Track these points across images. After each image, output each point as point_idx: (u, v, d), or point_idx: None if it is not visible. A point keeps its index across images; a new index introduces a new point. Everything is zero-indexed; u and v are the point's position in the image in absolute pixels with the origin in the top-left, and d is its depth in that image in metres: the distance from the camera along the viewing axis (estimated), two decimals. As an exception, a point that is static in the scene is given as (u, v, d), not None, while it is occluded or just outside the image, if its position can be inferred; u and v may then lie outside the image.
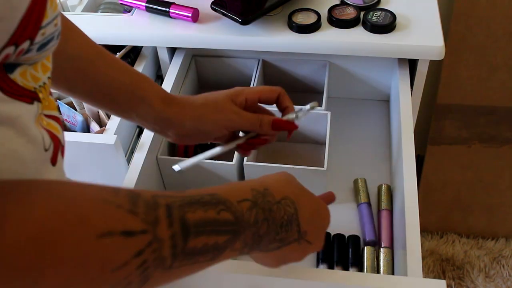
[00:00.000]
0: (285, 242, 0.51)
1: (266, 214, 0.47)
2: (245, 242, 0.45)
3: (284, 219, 0.50)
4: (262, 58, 1.02)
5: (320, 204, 0.57)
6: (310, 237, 0.54)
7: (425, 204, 1.51)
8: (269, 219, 0.47)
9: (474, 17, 1.22)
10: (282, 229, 0.50)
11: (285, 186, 0.52)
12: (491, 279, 1.47)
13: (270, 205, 0.48)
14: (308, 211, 0.53)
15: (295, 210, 0.51)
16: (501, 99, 1.33)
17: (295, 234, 0.52)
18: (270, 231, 0.48)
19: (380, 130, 1.00)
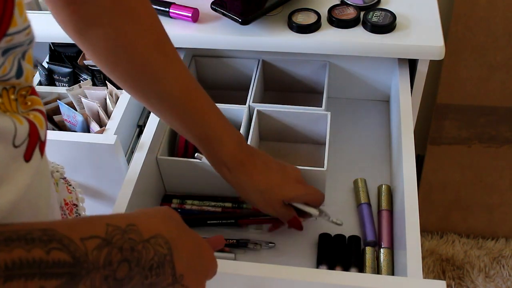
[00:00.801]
0: (157, 287, 0.45)
1: (126, 254, 0.41)
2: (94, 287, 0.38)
3: (154, 260, 0.44)
4: (262, 58, 1.02)
5: (203, 247, 0.53)
6: (188, 281, 0.48)
7: (425, 204, 1.51)
8: (130, 260, 0.41)
9: (474, 17, 1.22)
10: (152, 272, 0.44)
11: (159, 223, 0.47)
12: (491, 279, 1.47)
13: (132, 244, 0.42)
14: (186, 253, 0.48)
15: (169, 251, 0.46)
16: (501, 99, 1.33)
17: (168, 278, 0.46)
18: (134, 275, 0.42)
19: (380, 130, 1.00)
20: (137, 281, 0.42)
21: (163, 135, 0.89)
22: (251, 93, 0.94)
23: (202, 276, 0.52)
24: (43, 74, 1.08)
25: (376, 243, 0.81)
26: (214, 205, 0.88)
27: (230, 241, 0.82)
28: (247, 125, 0.91)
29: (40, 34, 0.98)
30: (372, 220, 0.84)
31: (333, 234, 0.82)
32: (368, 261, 0.78)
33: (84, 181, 0.88)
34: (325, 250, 0.80)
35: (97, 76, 1.04)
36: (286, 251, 0.82)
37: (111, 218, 0.42)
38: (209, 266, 0.53)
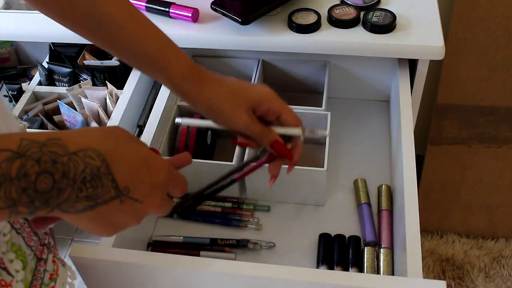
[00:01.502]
0: (98, 200, 0.44)
1: (46, 166, 0.40)
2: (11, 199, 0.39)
3: (86, 173, 0.42)
4: (262, 58, 1.02)
5: (151, 158, 0.50)
6: (137, 194, 0.47)
7: (425, 204, 1.51)
8: (53, 172, 0.40)
9: (474, 17, 1.22)
10: (86, 184, 0.42)
11: (91, 137, 0.45)
12: (491, 279, 1.47)
13: (54, 156, 0.41)
14: (128, 165, 0.46)
15: (103, 163, 0.44)
16: (501, 99, 1.33)
17: (110, 191, 0.44)
18: (64, 187, 0.41)
19: (380, 130, 1.00)
20: (70, 194, 0.42)
21: (163, 135, 0.89)
22: (251, 93, 0.94)
23: (154, 187, 0.49)
24: (43, 74, 1.08)
25: (376, 243, 0.81)
26: (214, 205, 0.88)
27: (230, 241, 0.82)
28: (247, 125, 0.91)
29: (40, 34, 0.99)
30: (372, 220, 0.84)
31: (333, 234, 0.82)
32: (368, 261, 0.78)
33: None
34: (325, 250, 0.80)
35: (97, 76, 1.04)
36: (286, 251, 0.82)
37: (29, 134, 0.41)
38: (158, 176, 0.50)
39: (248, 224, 0.85)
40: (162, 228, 0.87)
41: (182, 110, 0.95)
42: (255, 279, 0.64)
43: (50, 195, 0.41)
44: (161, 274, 0.67)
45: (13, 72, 1.22)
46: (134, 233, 0.79)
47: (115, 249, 0.69)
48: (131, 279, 0.69)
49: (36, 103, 1.04)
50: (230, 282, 0.66)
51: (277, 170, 0.71)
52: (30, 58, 1.26)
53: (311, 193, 0.86)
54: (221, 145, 0.98)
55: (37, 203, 0.40)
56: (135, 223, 0.50)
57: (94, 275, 0.70)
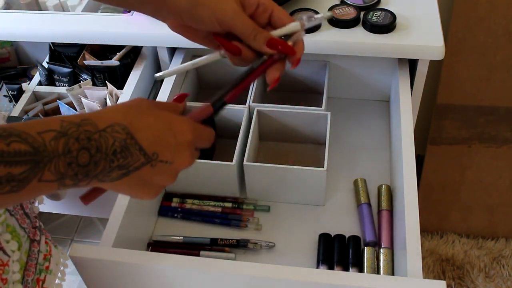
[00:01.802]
0: (130, 168, 0.49)
1: (83, 143, 0.45)
2: (59, 172, 0.44)
3: (116, 146, 0.48)
4: (262, 58, 1.02)
5: (172, 120, 0.53)
6: (166, 156, 0.51)
7: (425, 204, 1.51)
8: (89, 148, 0.46)
9: (474, 17, 1.22)
10: (117, 156, 0.48)
11: (114, 113, 0.50)
12: (491, 279, 1.47)
13: (88, 135, 0.46)
14: (151, 132, 0.50)
15: (128, 135, 0.49)
16: (501, 99, 1.33)
17: (140, 158, 0.49)
18: (98, 160, 0.46)
19: (380, 130, 1.00)
20: (104, 165, 0.47)
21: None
22: (251, 93, 0.94)
23: (180, 147, 0.53)
24: (43, 74, 1.08)
25: (376, 243, 0.81)
26: (214, 204, 0.88)
27: (230, 241, 0.82)
28: (247, 125, 0.91)
29: (40, 34, 0.99)
30: (372, 220, 0.84)
31: (333, 234, 0.82)
32: (368, 261, 0.78)
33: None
34: (325, 250, 0.80)
35: (97, 76, 1.04)
36: (286, 251, 0.82)
37: (65, 117, 0.46)
38: (183, 136, 0.53)
39: (248, 224, 0.85)
40: (162, 228, 0.87)
41: (182, 110, 0.95)
42: (255, 279, 0.64)
43: (89, 168, 0.46)
44: (161, 274, 0.67)
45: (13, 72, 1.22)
46: (134, 233, 0.79)
47: (115, 249, 0.69)
48: (131, 279, 0.69)
49: (36, 103, 1.04)
50: (230, 282, 0.66)
51: (277, 72, 0.66)
52: (30, 58, 1.26)
53: (311, 193, 0.86)
54: (221, 145, 0.98)
55: (80, 175, 0.46)
56: (171, 181, 0.54)
57: (94, 275, 0.70)
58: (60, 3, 1.10)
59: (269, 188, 0.87)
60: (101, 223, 1.68)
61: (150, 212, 0.87)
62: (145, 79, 1.06)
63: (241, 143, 0.87)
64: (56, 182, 0.44)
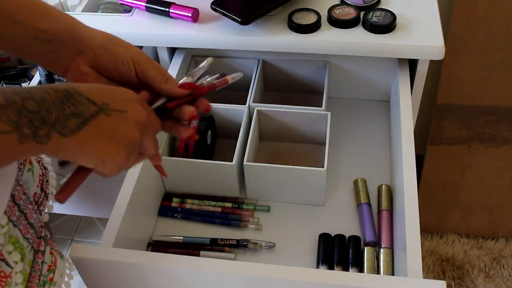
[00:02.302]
0: (85, 115, 0.48)
1: (25, 94, 0.45)
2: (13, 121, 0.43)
3: (60, 96, 0.47)
4: (262, 58, 1.02)
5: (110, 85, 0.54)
6: (118, 105, 0.51)
7: (425, 204, 1.51)
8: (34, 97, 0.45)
9: (474, 17, 1.22)
10: (66, 104, 0.47)
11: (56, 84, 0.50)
12: (491, 279, 1.47)
13: (27, 90, 0.46)
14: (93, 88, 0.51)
15: (69, 87, 0.48)
16: (501, 99, 1.33)
17: (90, 106, 0.49)
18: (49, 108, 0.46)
19: (380, 130, 1.00)
20: (57, 113, 0.46)
21: (163, 135, 0.89)
22: (251, 93, 0.94)
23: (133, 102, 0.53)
24: (43, 74, 1.08)
25: (376, 243, 0.81)
26: (214, 204, 0.88)
27: (230, 241, 0.82)
28: (247, 125, 0.91)
29: (40, 34, 0.99)
30: (372, 220, 0.84)
31: (333, 234, 0.82)
32: (368, 261, 0.78)
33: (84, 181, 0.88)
34: (325, 250, 0.80)
35: (97, 76, 1.04)
36: (286, 251, 0.82)
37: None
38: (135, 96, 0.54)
39: (248, 224, 0.85)
40: (162, 228, 0.87)
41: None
42: (255, 279, 0.64)
43: (41, 113, 0.45)
44: (161, 274, 0.67)
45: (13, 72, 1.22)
46: (134, 233, 0.79)
47: (115, 249, 0.69)
48: (131, 279, 0.69)
49: (36, 103, 1.04)
50: (230, 282, 0.66)
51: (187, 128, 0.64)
52: (30, 58, 1.26)
53: (311, 193, 0.86)
54: (221, 145, 0.98)
55: (35, 122, 0.44)
56: (136, 134, 0.52)
57: (94, 275, 0.70)
58: (60, 3, 1.10)
59: (269, 188, 0.87)
60: (101, 223, 1.68)
61: (150, 212, 0.87)
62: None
63: (241, 143, 0.87)
64: (15, 133, 0.43)
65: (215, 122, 0.96)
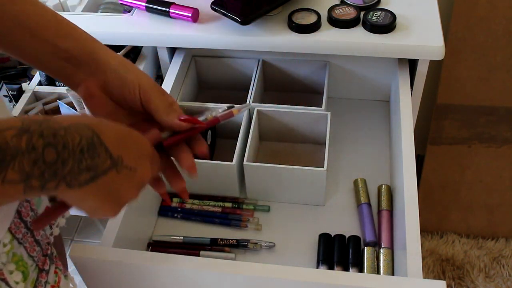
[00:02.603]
0: (98, 170, 0.46)
1: (49, 139, 0.43)
2: (25, 172, 0.41)
3: (83, 143, 0.45)
4: (262, 58, 1.02)
5: (132, 130, 0.52)
6: (129, 161, 0.49)
7: (425, 204, 1.51)
8: (55, 144, 0.43)
9: (474, 17, 1.22)
10: (85, 155, 0.45)
11: (77, 116, 0.48)
12: (491, 279, 1.47)
13: (53, 131, 0.43)
14: (114, 134, 0.49)
15: (94, 133, 0.46)
16: (501, 99, 1.33)
17: (106, 160, 0.47)
18: (66, 158, 0.43)
19: (380, 130, 1.00)
20: (72, 165, 0.44)
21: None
22: (251, 93, 0.94)
23: (143, 156, 0.52)
24: (43, 74, 1.08)
25: (376, 243, 0.81)
26: (214, 204, 0.88)
27: (230, 241, 0.82)
28: (247, 125, 0.91)
29: (40, 34, 0.99)
30: (372, 220, 0.84)
31: (333, 234, 0.82)
32: (368, 261, 0.78)
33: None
34: (325, 250, 0.80)
35: (97, 76, 1.04)
36: (286, 251, 0.82)
37: (26, 116, 0.44)
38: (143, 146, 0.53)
39: (248, 224, 0.85)
40: (162, 228, 0.87)
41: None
42: (255, 279, 0.64)
43: (56, 166, 0.43)
44: (161, 274, 0.67)
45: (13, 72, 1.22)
46: (134, 233, 0.79)
47: (115, 249, 0.69)
48: (131, 279, 0.69)
49: (36, 103, 1.04)
50: (230, 282, 0.66)
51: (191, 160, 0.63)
52: (30, 58, 1.26)
53: (311, 193, 0.86)
54: (221, 145, 0.98)
55: (47, 175, 0.42)
56: (135, 194, 0.52)
57: (94, 275, 0.70)
58: (60, 3, 1.10)
59: (269, 188, 0.87)
60: (101, 223, 1.68)
61: (150, 212, 0.87)
62: (145, 79, 1.06)
63: (241, 143, 0.87)
64: (22, 184, 0.41)
65: (215, 122, 0.96)
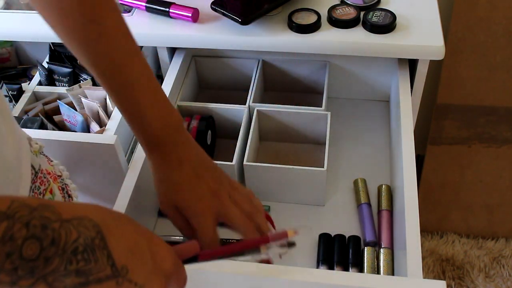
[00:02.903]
0: (90, 277, 0.38)
1: (35, 231, 0.36)
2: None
3: (79, 243, 0.38)
4: (262, 58, 1.02)
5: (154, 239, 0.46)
6: (136, 277, 0.42)
7: (425, 204, 1.51)
8: (41, 238, 0.36)
9: (474, 17, 1.22)
10: (78, 256, 0.38)
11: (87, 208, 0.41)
12: (491, 279, 1.47)
13: (45, 222, 0.37)
14: (127, 242, 0.42)
15: (98, 235, 0.39)
16: (501, 99, 1.33)
17: (105, 268, 0.39)
18: (51, 256, 0.36)
19: (380, 130, 1.00)
20: (58, 265, 0.37)
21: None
22: (251, 93, 0.94)
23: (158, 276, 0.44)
24: (43, 74, 1.08)
25: (376, 243, 0.81)
26: (214, 205, 0.88)
27: (230, 241, 0.82)
28: (247, 125, 0.91)
29: (40, 34, 0.99)
30: (372, 220, 0.84)
31: (333, 234, 0.82)
32: (368, 261, 0.78)
33: (84, 181, 0.88)
34: (325, 250, 0.80)
35: (97, 76, 1.04)
36: (286, 251, 0.82)
37: (21, 197, 0.38)
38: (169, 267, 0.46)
39: (248, 224, 0.85)
40: (162, 228, 0.87)
41: (181, 110, 0.95)
42: (255, 279, 0.64)
43: (36, 264, 0.36)
44: (161, 274, 0.67)
45: (13, 72, 1.22)
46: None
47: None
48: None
49: (36, 103, 1.04)
50: (230, 282, 0.66)
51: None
52: (30, 58, 1.26)
53: (311, 193, 0.86)
54: (221, 145, 0.98)
55: (21, 271, 0.36)
56: None
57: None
58: (60, 3, 1.09)
59: (269, 188, 0.87)
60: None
61: (150, 212, 0.87)
62: (145, 79, 1.06)
63: (241, 143, 0.87)
64: None
65: (215, 122, 0.96)
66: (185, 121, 0.91)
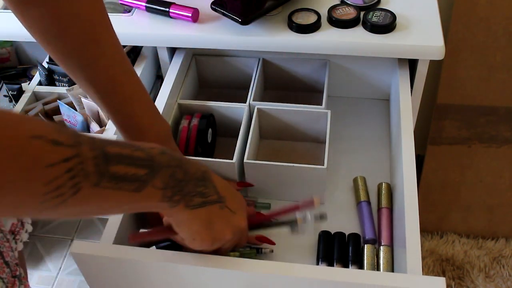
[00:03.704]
0: (207, 198, 0.56)
1: (178, 162, 0.52)
2: (165, 183, 0.50)
3: (198, 174, 0.54)
4: (262, 57, 1.02)
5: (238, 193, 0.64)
6: (231, 205, 0.60)
7: (425, 204, 1.51)
8: (182, 166, 0.52)
9: (474, 17, 1.22)
10: (199, 183, 0.54)
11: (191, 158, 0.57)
12: (491, 279, 1.47)
13: (180, 157, 0.53)
14: (223, 182, 0.59)
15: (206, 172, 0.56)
16: (501, 99, 1.33)
17: (214, 194, 0.57)
18: (188, 180, 0.53)
19: (380, 129, 1.01)
20: (191, 187, 0.53)
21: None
22: (252, 92, 0.95)
23: (241, 207, 0.63)
24: (43, 74, 1.08)
25: (376, 240, 0.81)
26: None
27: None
28: (248, 124, 0.92)
29: (41, 34, 0.99)
30: (371, 218, 0.84)
31: (333, 232, 0.82)
32: (367, 259, 0.78)
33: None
34: (325, 248, 0.80)
35: (97, 75, 1.04)
36: (287, 249, 0.82)
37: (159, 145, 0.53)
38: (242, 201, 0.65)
39: (249, 222, 0.86)
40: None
41: (182, 109, 0.95)
42: (255, 276, 0.64)
43: (182, 184, 0.52)
44: (162, 271, 0.67)
45: (13, 72, 1.22)
46: (134, 230, 0.79)
47: (116, 246, 0.69)
48: (132, 276, 0.69)
49: (36, 103, 1.05)
50: (231, 279, 0.66)
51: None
52: (30, 58, 1.26)
53: (311, 191, 0.86)
54: (222, 143, 0.99)
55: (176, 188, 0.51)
56: (229, 234, 0.61)
57: (95, 272, 0.70)
58: (61, 3, 1.10)
59: (270, 186, 0.87)
60: (101, 223, 1.68)
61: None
62: (145, 79, 1.06)
63: (242, 141, 0.88)
64: (161, 191, 0.49)
65: (216, 120, 0.96)
66: (186, 119, 0.91)
